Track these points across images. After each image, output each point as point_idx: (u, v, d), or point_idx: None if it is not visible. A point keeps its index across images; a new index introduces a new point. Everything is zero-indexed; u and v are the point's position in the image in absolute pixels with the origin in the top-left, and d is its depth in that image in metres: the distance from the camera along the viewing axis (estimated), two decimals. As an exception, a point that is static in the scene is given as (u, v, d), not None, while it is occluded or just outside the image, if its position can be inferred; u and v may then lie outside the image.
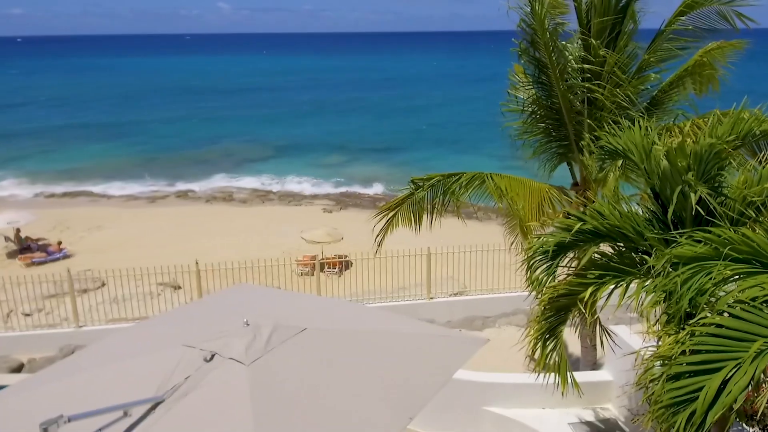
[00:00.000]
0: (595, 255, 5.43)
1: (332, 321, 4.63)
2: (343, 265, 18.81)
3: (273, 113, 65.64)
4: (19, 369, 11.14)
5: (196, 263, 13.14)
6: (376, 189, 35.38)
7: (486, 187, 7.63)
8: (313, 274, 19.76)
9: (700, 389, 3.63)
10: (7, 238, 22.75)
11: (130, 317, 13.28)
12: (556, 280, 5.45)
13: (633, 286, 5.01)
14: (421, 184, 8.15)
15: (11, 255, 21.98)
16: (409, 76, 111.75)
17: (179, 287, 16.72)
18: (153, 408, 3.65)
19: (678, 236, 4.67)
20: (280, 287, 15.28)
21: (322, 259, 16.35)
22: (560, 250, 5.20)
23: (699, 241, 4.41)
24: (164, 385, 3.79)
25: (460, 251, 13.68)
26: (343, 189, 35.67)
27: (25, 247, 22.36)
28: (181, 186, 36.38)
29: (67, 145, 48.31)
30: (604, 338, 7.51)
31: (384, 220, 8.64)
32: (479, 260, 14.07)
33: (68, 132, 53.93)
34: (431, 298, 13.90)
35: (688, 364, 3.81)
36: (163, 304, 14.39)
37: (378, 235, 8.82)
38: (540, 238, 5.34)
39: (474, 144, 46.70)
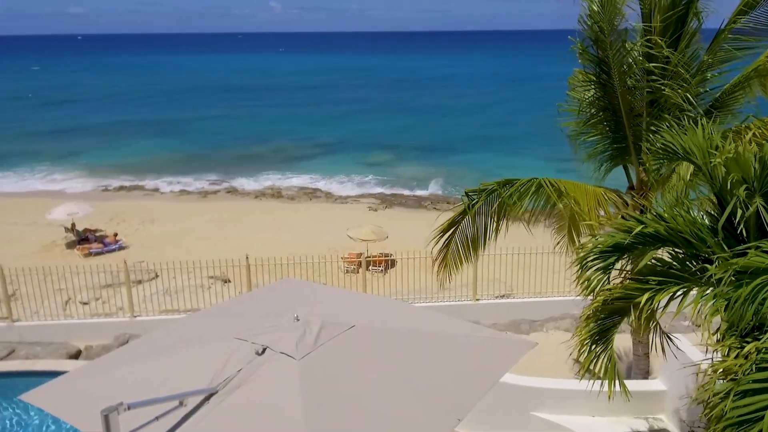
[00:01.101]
0: (652, 260, 5.26)
1: (380, 319, 4.64)
2: (387, 263, 18.82)
3: (321, 111, 66.30)
4: (76, 355, 11.59)
5: (246, 258, 13.37)
6: (421, 188, 35.33)
7: (542, 192, 7.37)
8: (358, 272, 19.87)
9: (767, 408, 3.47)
10: (66, 229, 23.72)
11: (182, 309, 13.61)
12: (610, 283, 5.30)
13: (692, 294, 4.82)
14: (476, 197, 7.89)
15: (70, 245, 22.89)
16: (455, 75, 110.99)
17: (228, 281, 17.06)
18: (207, 399, 3.74)
19: (743, 246, 4.47)
20: (326, 283, 15.40)
21: (368, 257, 16.40)
22: (617, 251, 5.06)
23: (767, 252, 4.22)
24: (217, 377, 3.87)
25: (506, 253, 13.49)
26: (388, 188, 35.74)
27: (83, 238, 23.25)
28: (232, 182, 37.16)
29: (123, 140, 50.00)
30: (659, 347, 7.25)
31: (441, 242, 8.37)
32: (526, 262, 13.84)
33: (124, 128, 55.80)
34: (477, 300, 13.77)
35: (753, 381, 3.65)
36: (213, 296, 14.68)
37: (437, 262, 8.57)
38: (595, 238, 5.20)
39: (520, 145, 46.08)
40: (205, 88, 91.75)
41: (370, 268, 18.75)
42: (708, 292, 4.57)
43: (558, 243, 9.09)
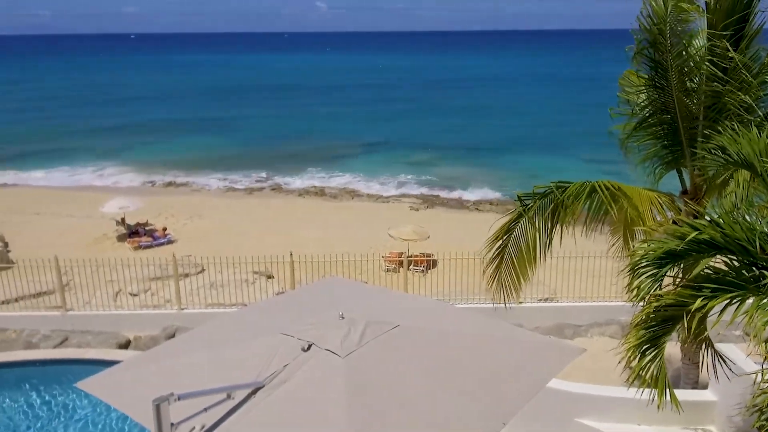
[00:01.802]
0: (707, 268, 5.09)
1: (424, 320, 4.63)
2: (428, 263, 18.76)
3: (365, 111, 66.61)
4: (126, 345, 11.97)
5: (291, 255, 13.55)
6: (464, 189, 35.08)
7: (596, 196, 7.13)
8: (398, 271, 19.89)
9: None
10: (117, 223, 24.53)
11: (226, 303, 13.90)
12: (662, 290, 5.16)
13: (747, 303, 4.65)
14: (529, 201, 7.70)
15: (121, 238, 23.66)
16: (501, 75, 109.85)
17: (272, 276, 17.33)
18: (254, 392, 3.82)
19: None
20: (367, 282, 15.47)
21: (409, 256, 16.39)
22: (670, 258, 4.91)
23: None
24: (264, 372, 3.94)
25: (550, 256, 13.27)
26: (430, 188, 35.64)
27: (133, 232, 24.00)
28: (276, 179, 37.71)
29: (173, 137, 51.34)
30: (709, 356, 7.01)
31: (494, 249, 8.17)
32: (570, 266, 13.60)
33: (175, 125, 57.30)
34: (520, 303, 13.58)
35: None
36: (256, 292, 14.94)
37: (490, 273, 8.36)
38: (648, 244, 5.07)
39: (565, 146, 45.27)
40: (252, 86, 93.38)
41: (411, 267, 18.73)
42: (765, 301, 4.41)
43: (613, 245, 8.81)
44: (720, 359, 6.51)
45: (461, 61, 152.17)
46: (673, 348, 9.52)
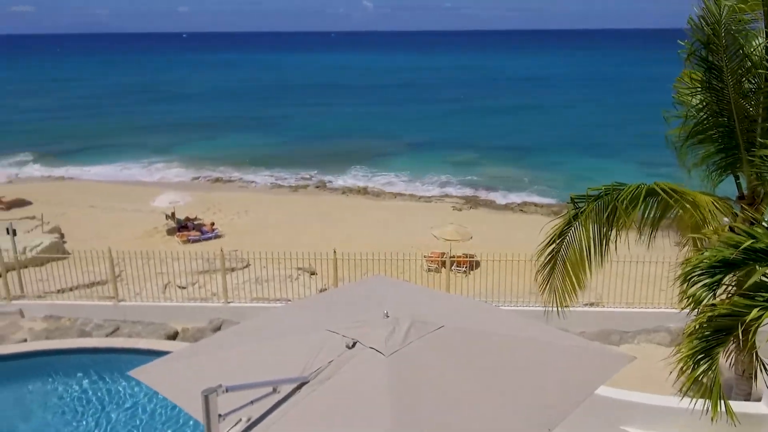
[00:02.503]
0: (763, 277, 4.90)
1: (469, 321, 4.61)
2: (471, 264, 18.62)
3: (410, 110, 66.57)
4: (174, 336, 12.30)
5: (334, 252, 13.67)
6: (508, 189, 34.64)
7: (650, 199, 6.89)
8: (440, 271, 19.82)
9: None
10: (167, 217, 25.24)
11: (271, 297, 14.13)
12: (717, 299, 4.98)
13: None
14: (582, 204, 7.49)
15: (170, 232, 24.34)
16: (547, 75, 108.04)
17: (315, 273, 17.53)
18: (299, 387, 3.87)
19: None
20: (409, 281, 15.47)
21: (451, 256, 16.31)
22: (724, 267, 4.74)
23: None
24: (309, 367, 4.00)
25: (603, 260, 12.97)
26: (473, 188, 35.36)
27: (182, 226, 24.64)
28: (321, 177, 38.09)
29: (222, 134, 52.48)
30: (762, 368, 6.74)
31: (547, 253, 7.98)
32: (618, 270, 13.28)
33: (224, 122, 58.56)
34: (565, 306, 13.36)
35: None
36: (300, 287, 15.13)
37: (542, 279, 8.17)
38: (702, 252, 4.91)
39: (612, 148, 44.23)
40: (299, 85, 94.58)
41: (453, 268, 18.62)
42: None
43: (684, 246, 8.49)
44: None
45: (507, 60, 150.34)
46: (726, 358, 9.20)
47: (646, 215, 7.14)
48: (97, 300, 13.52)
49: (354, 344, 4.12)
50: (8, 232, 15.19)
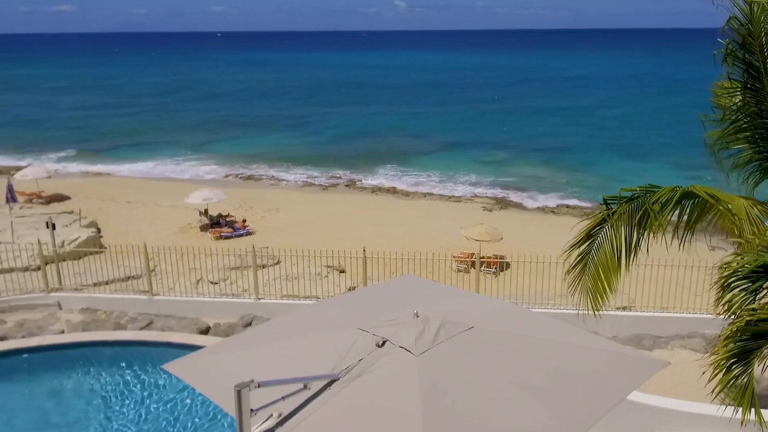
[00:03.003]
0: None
1: (499, 322, 4.58)
2: (501, 265, 18.49)
3: (442, 109, 66.41)
4: (206, 331, 12.51)
5: (364, 251, 13.73)
6: (540, 190, 34.25)
7: (687, 202, 6.72)
8: (469, 272, 19.72)
9: None
10: (200, 213, 25.67)
11: (300, 294, 14.27)
12: (756, 303, 4.86)
13: None
14: (615, 205, 7.35)
15: (203, 228, 24.75)
16: (582, 75, 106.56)
17: (344, 271, 17.63)
18: (329, 384, 3.91)
19: None
20: (438, 281, 15.43)
21: (481, 257, 16.21)
22: (765, 272, 4.62)
23: None
24: (339, 365, 4.03)
25: (633, 263, 12.76)
26: (504, 188, 35.06)
27: (215, 222, 25.03)
28: (351, 176, 38.26)
29: (255, 132, 53.11)
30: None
31: (577, 254, 7.85)
32: (651, 274, 13.04)
33: (257, 121, 59.27)
34: (596, 309, 13.17)
35: None
36: (329, 285, 15.24)
37: (572, 280, 8.03)
38: (740, 257, 4.79)
39: (650, 150, 43.37)
40: (330, 84, 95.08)
41: (483, 268, 18.51)
42: None
43: (718, 254, 8.31)
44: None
45: (541, 60, 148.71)
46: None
47: (681, 218, 6.97)
48: (132, 294, 13.83)
49: (384, 343, 4.14)
50: (47, 226, 15.64)
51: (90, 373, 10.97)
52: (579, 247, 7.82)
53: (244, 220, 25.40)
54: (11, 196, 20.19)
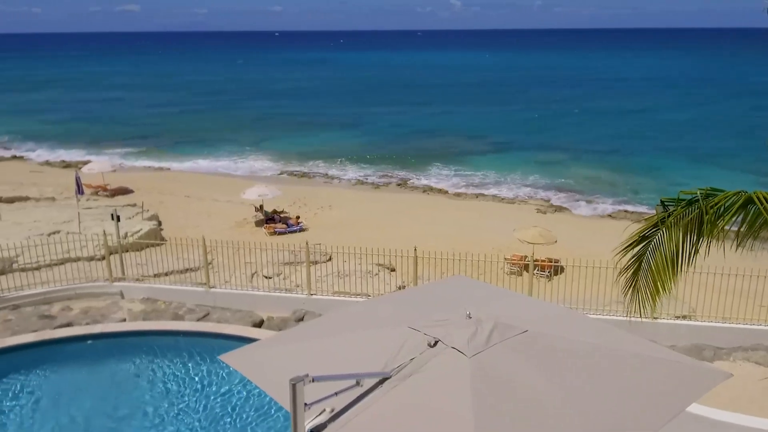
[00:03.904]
0: None
1: (554, 327, 4.51)
2: (554, 268, 18.15)
3: (497, 110, 65.62)
4: (259, 324, 12.79)
5: (415, 250, 13.75)
6: (597, 194, 33.38)
7: (752, 208, 6.39)
8: (521, 274, 19.44)
9: None
10: (256, 209, 26.26)
11: (351, 292, 14.41)
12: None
13: None
14: (672, 208, 7.11)
15: (258, 224, 25.30)
16: (642, 75, 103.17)
17: (394, 270, 17.69)
18: (380, 382, 3.95)
19: None
20: (489, 283, 15.28)
21: (535, 260, 15.95)
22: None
23: None
24: (391, 363, 4.06)
25: (690, 270, 12.30)
26: (559, 190, 34.34)
27: (269, 218, 25.55)
28: (403, 175, 38.31)
29: (310, 130, 53.85)
30: None
31: (631, 256, 7.64)
32: (713, 283, 12.54)
33: (310, 119, 60.10)
34: (654, 318, 12.76)
35: None
36: (379, 283, 15.32)
37: (624, 282, 7.81)
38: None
39: (714, 154, 41.60)
40: (385, 83, 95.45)
41: (535, 272, 18.22)
42: None
43: None
44: None
45: (602, 60, 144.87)
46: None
47: (745, 225, 6.65)
48: (190, 285, 14.27)
49: (436, 343, 4.14)
50: (113, 218, 16.33)
51: (149, 361, 11.41)
52: (632, 248, 7.61)
53: (298, 217, 25.83)
54: (79, 189, 21.16)
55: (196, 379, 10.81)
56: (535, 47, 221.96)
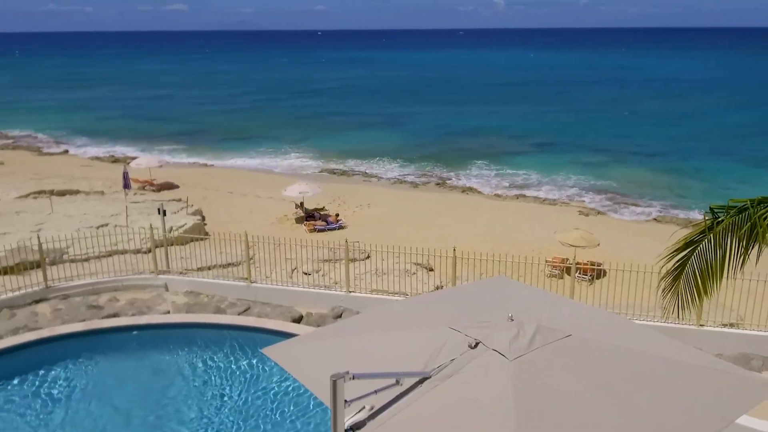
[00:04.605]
0: None
1: (599, 332, 4.43)
2: (596, 272, 17.79)
3: (539, 110, 64.69)
4: (299, 320, 12.93)
5: (454, 250, 13.67)
6: (641, 197, 32.53)
7: None
8: (561, 277, 19.12)
9: None
10: (296, 206, 26.57)
11: (389, 290, 14.41)
12: None
13: None
14: (721, 214, 6.90)
15: (299, 220, 25.60)
16: (689, 76, 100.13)
17: (432, 269, 17.64)
18: (420, 382, 3.95)
19: None
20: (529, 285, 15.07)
21: (577, 263, 15.66)
22: None
23: None
24: (431, 363, 4.05)
25: (739, 277, 11.87)
26: (602, 193, 33.61)
27: (309, 215, 25.82)
28: (442, 174, 38.16)
29: (350, 129, 54.17)
30: None
31: (676, 260, 7.45)
32: (762, 291, 12.07)
33: (352, 118, 60.41)
34: (701, 325, 12.38)
35: None
36: (417, 283, 15.28)
37: (665, 285, 7.63)
38: None
39: (765, 157, 40.03)
40: (427, 82, 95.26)
41: (577, 275, 17.89)
42: None
43: None
44: None
45: (650, 60, 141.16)
46: None
47: None
48: (231, 280, 14.51)
49: (476, 345, 4.12)
50: (159, 212, 16.75)
51: (192, 353, 11.67)
52: (678, 253, 7.43)
53: (337, 214, 26.02)
54: (127, 183, 21.78)
55: (238, 372, 11.01)
56: (580, 46, 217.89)
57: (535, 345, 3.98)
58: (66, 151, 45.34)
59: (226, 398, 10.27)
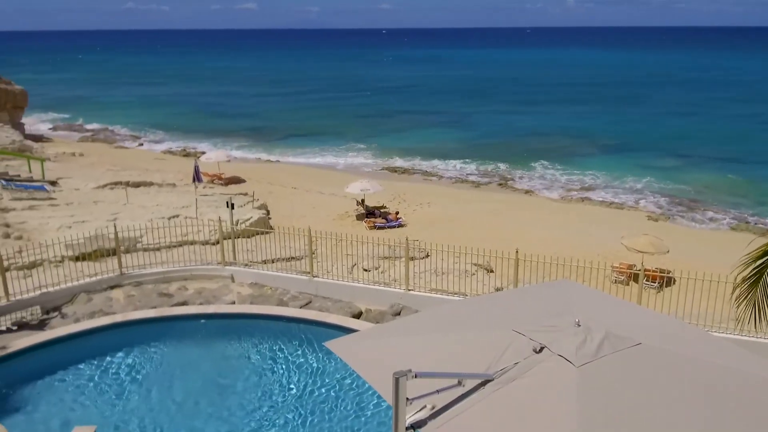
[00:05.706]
0: None
1: (670, 342, 4.26)
2: (664, 280, 17.10)
3: (608, 109, 62.74)
4: (358, 316, 13.06)
5: (516, 252, 13.47)
6: (714, 202, 30.99)
7: None
8: (628, 284, 18.49)
9: None
10: (357, 203, 26.84)
11: (448, 290, 14.34)
12: None
13: None
14: None
15: (359, 217, 25.85)
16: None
17: (492, 271, 17.42)
18: (483, 384, 3.92)
19: None
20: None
21: (644, 270, 15.09)
22: None
23: None
24: (494, 365, 4.02)
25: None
26: (672, 197, 32.25)
27: (370, 213, 26.04)
28: (505, 174, 37.61)
29: (413, 127, 54.18)
30: None
31: (752, 268, 7.10)
32: None
33: (415, 116, 60.40)
34: (777, 339, 11.72)
35: None
36: (477, 284, 15.13)
37: (740, 293, 7.28)
38: None
39: None
40: (493, 82, 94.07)
41: (644, 282, 17.25)
42: None
43: None
44: None
45: (729, 60, 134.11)
46: None
47: None
48: (294, 273, 14.82)
49: (541, 349, 4.06)
50: (227, 206, 17.29)
51: (255, 343, 12.01)
52: (754, 262, 7.08)
53: (397, 212, 26.10)
54: (197, 177, 22.58)
55: (300, 363, 11.24)
56: (654, 46, 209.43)
57: (603, 352, 3.88)
58: (141, 145, 47.49)
59: (287, 389, 10.50)
